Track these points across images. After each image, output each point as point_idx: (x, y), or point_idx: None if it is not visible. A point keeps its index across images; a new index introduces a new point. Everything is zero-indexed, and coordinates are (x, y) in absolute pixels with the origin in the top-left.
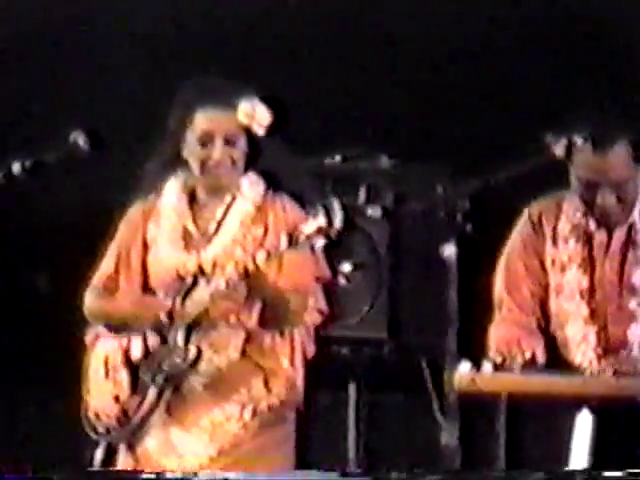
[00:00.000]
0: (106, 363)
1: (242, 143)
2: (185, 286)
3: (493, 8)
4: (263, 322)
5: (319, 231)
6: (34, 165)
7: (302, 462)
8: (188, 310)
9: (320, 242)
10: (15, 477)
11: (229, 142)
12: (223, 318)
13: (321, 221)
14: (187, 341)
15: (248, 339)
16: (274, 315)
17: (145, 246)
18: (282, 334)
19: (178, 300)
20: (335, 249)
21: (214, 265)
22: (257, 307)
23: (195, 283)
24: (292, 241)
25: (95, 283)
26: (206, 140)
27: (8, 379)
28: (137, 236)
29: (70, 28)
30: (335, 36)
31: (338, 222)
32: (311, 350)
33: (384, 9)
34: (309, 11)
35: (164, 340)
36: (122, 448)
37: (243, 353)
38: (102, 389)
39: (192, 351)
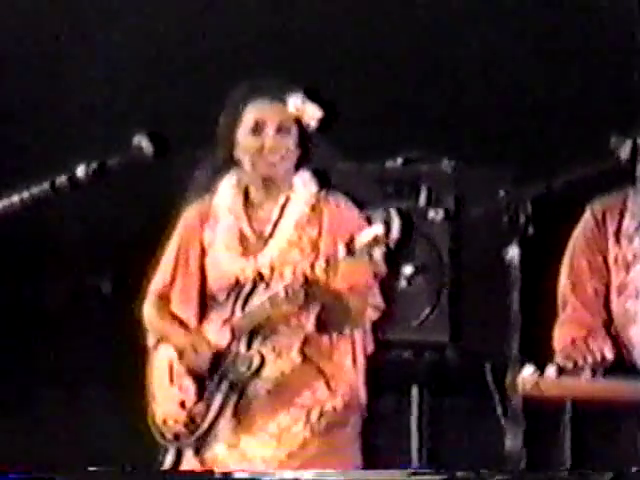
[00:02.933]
0: (170, 368)
1: (294, 132)
2: (245, 292)
3: (559, 8)
4: (322, 325)
5: (376, 240)
6: (98, 168)
7: (367, 465)
8: (249, 317)
9: (378, 251)
10: (18, 477)
11: (281, 130)
12: (283, 322)
13: (378, 230)
14: (249, 347)
15: (307, 342)
16: (333, 318)
17: (203, 250)
18: (342, 334)
19: (238, 307)
20: (397, 252)
21: (272, 269)
22: (315, 310)
23: (254, 288)
24: (349, 250)
25: (152, 291)
26: (258, 129)
27: (71, 383)
28: (195, 241)
29: (133, 32)
30: (397, 37)
31: (396, 231)
32: (370, 347)
33: (444, 11)
34: (369, 12)
35: (227, 347)
36: (189, 454)
37: (304, 356)
38: (168, 395)
39: (256, 359)
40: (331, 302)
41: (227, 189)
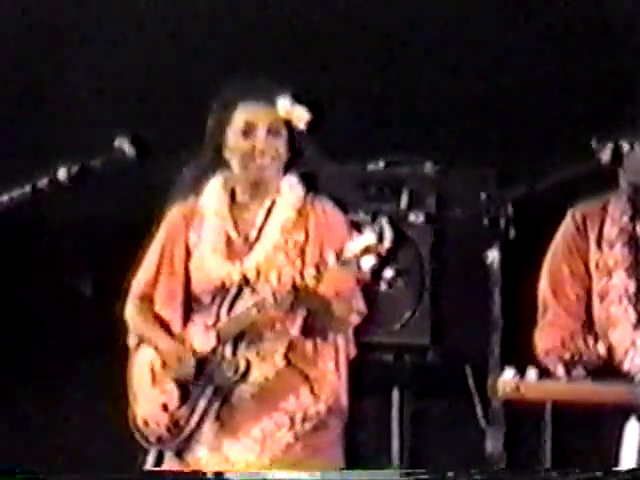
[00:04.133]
0: (152, 370)
1: (284, 135)
2: (230, 296)
3: (541, 13)
4: (307, 330)
5: (367, 250)
6: (80, 170)
7: (349, 468)
8: (235, 322)
9: (369, 261)
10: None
11: (272, 132)
12: (268, 327)
13: (370, 239)
14: (235, 352)
15: (292, 347)
16: (318, 323)
17: (188, 251)
18: (325, 339)
19: (224, 311)
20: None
21: (258, 273)
22: (301, 315)
23: (239, 292)
24: (340, 259)
25: (135, 291)
26: (249, 130)
27: (52, 385)
28: (179, 241)
29: (116, 33)
30: (380, 40)
31: (388, 241)
32: (352, 352)
33: (430, 14)
34: (354, 15)
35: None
36: (170, 456)
37: (288, 361)
38: (150, 397)
39: (242, 363)
40: (317, 307)
41: (213, 190)
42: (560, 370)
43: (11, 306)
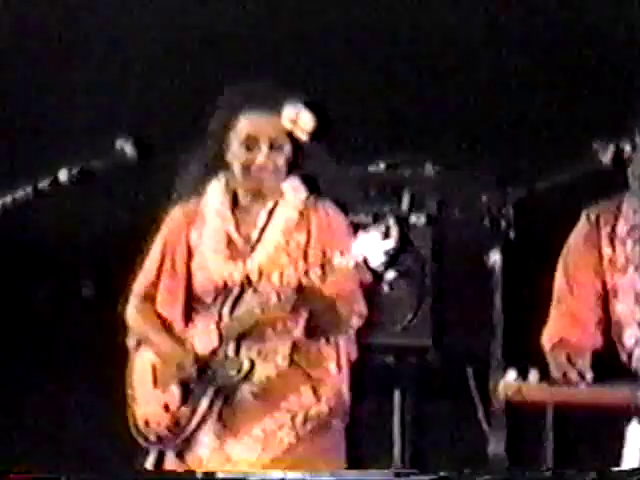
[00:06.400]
0: (154, 371)
1: (286, 149)
2: (233, 296)
3: (543, 14)
4: (311, 331)
5: (373, 248)
6: (81, 172)
7: (350, 468)
8: (238, 322)
9: (378, 258)
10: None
11: (274, 147)
12: (271, 327)
13: (375, 238)
14: (238, 352)
15: (295, 348)
16: (321, 324)
17: (189, 251)
18: (328, 341)
19: (226, 311)
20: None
21: (260, 274)
22: (304, 316)
23: (242, 293)
24: (344, 258)
25: (136, 291)
26: (251, 144)
27: (53, 386)
28: (181, 241)
29: (118, 35)
30: (382, 43)
31: (394, 240)
32: (354, 354)
33: (431, 16)
34: (354, 17)
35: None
36: (171, 456)
37: (291, 361)
38: (151, 397)
39: (245, 363)
40: (320, 308)
41: (215, 191)
42: (563, 371)
43: (12, 307)
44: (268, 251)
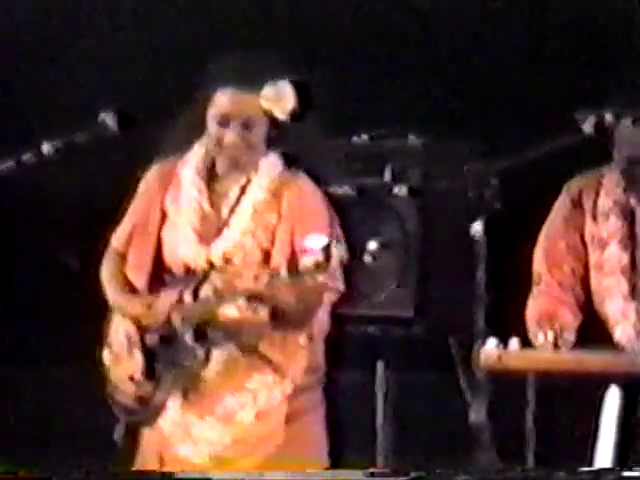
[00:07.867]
0: (129, 339)
1: (261, 127)
2: (195, 280)
3: None
4: (276, 321)
5: (317, 266)
6: (64, 145)
7: (332, 440)
8: (198, 308)
9: (321, 276)
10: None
11: (247, 126)
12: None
13: (318, 256)
14: (196, 339)
15: (259, 336)
16: (287, 316)
17: (163, 215)
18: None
19: (187, 294)
20: (362, 227)
21: (225, 260)
22: (269, 304)
23: (205, 277)
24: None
25: (111, 247)
26: (223, 122)
27: (38, 360)
28: (155, 203)
29: (98, 9)
30: (365, 16)
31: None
32: (326, 325)
33: None
34: None
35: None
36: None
37: (255, 349)
38: (121, 365)
39: (201, 352)
40: (286, 298)
41: (194, 159)
42: (546, 337)
43: None
44: (235, 237)
